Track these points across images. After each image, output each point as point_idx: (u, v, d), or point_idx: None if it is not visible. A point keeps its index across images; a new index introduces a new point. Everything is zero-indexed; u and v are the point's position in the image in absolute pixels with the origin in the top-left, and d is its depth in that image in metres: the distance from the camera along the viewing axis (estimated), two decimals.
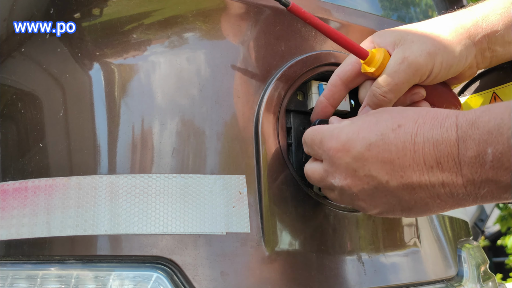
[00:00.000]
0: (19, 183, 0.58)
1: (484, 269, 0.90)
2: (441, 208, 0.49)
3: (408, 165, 0.47)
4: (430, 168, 0.46)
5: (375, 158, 0.49)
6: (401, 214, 0.52)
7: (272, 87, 0.65)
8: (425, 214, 0.51)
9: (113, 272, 0.55)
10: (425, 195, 0.48)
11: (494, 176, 0.42)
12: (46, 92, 0.61)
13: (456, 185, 0.45)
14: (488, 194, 0.44)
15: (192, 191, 0.58)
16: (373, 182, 0.50)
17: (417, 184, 0.47)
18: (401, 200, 0.50)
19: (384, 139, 0.49)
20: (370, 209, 0.53)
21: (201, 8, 0.64)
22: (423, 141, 0.47)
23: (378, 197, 0.51)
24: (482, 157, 0.42)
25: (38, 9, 0.63)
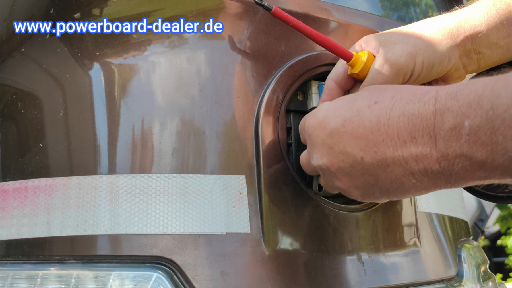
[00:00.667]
0: (19, 183, 0.58)
1: (484, 269, 0.90)
2: (417, 189, 0.47)
3: (381, 140, 0.47)
4: (404, 143, 0.45)
5: (349, 134, 0.49)
6: (381, 196, 0.51)
7: (272, 87, 0.65)
8: (403, 195, 0.50)
9: (113, 272, 0.55)
10: (400, 172, 0.47)
11: (469, 150, 0.41)
12: (46, 92, 0.61)
13: (430, 160, 0.44)
14: (462, 171, 0.42)
15: (192, 191, 0.58)
16: (348, 159, 0.50)
17: (390, 159, 0.46)
18: (378, 179, 0.49)
19: (360, 115, 0.49)
20: (351, 191, 0.53)
21: (201, 8, 0.64)
22: (398, 115, 0.46)
23: (356, 176, 0.50)
24: (458, 130, 0.41)
25: (38, 9, 0.63)
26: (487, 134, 0.39)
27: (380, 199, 0.53)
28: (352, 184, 0.52)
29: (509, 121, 0.38)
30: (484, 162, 0.40)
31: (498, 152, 0.39)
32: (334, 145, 0.51)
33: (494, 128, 0.38)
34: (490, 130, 0.39)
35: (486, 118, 0.39)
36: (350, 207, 0.68)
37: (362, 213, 0.68)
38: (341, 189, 0.54)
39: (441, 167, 0.44)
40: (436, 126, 0.43)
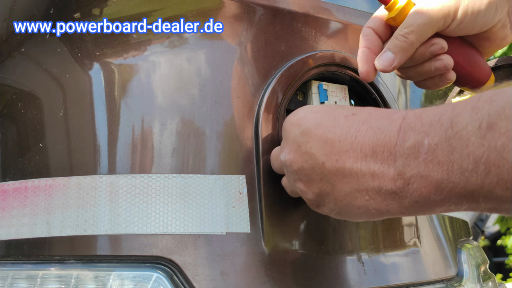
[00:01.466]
0: (19, 183, 0.58)
1: (484, 269, 0.90)
2: (368, 208, 0.47)
3: (345, 150, 0.47)
4: (365, 156, 0.45)
5: (318, 137, 0.50)
6: (333, 208, 0.50)
7: (272, 87, 0.65)
8: (354, 213, 0.49)
9: (113, 272, 0.55)
10: (355, 185, 0.46)
11: (425, 170, 0.40)
12: (46, 92, 0.61)
13: (385, 178, 0.44)
14: (416, 193, 0.41)
15: (192, 191, 0.58)
16: (311, 160, 0.50)
17: (348, 170, 0.47)
18: (334, 188, 0.49)
19: (334, 121, 0.50)
20: (308, 195, 0.53)
21: (201, 8, 0.64)
22: (366, 128, 0.46)
23: (315, 180, 0.50)
24: (418, 148, 0.41)
25: (38, 9, 0.63)
26: (444, 153, 0.39)
27: (331, 212, 0.52)
28: (310, 188, 0.52)
29: (466, 139, 0.37)
30: (439, 183, 0.39)
31: (454, 171, 0.38)
32: (302, 144, 0.51)
33: (452, 146, 0.38)
34: (448, 149, 0.38)
35: (445, 136, 0.39)
36: None
37: None
38: (300, 191, 0.54)
39: (396, 186, 0.43)
40: (397, 144, 0.43)
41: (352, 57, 0.73)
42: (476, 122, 0.37)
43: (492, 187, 0.36)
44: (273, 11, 0.68)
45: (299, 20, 0.69)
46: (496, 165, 0.35)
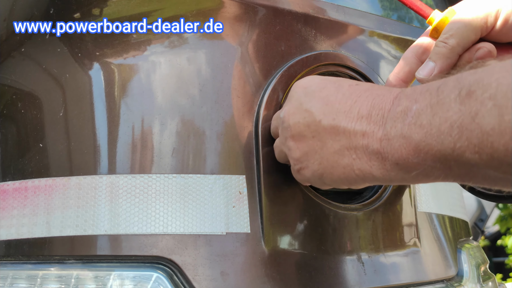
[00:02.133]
0: (19, 183, 0.58)
1: (484, 269, 0.90)
2: (352, 169, 0.49)
3: (344, 111, 0.50)
4: (360, 118, 0.48)
5: (321, 98, 0.53)
6: (317, 168, 0.52)
7: (272, 87, 0.65)
8: (336, 174, 0.51)
9: (113, 272, 0.55)
10: (345, 143, 0.49)
11: (408, 131, 0.43)
12: (46, 92, 0.61)
13: (373, 138, 0.47)
14: (397, 154, 0.44)
15: (192, 191, 0.58)
16: (309, 117, 0.52)
17: (342, 129, 0.49)
18: (324, 145, 0.51)
19: (338, 88, 0.53)
20: (295, 151, 0.54)
21: (201, 8, 0.64)
22: (367, 95, 0.49)
23: (306, 137, 0.53)
24: (406, 112, 0.44)
25: (38, 9, 0.63)
26: (427, 117, 0.42)
27: (312, 176, 0.53)
28: (300, 145, 0.54)
29: (447, 105, 0.40)
30: (418, 144, 0.42)
31: (432, 134, 0.41)
32: (304, 102, 0.54)
33: (434, 111, 0.41)
34: (431, 114, 0.41)
35: (430, 102, 0.42)
36: (350, 207, 0.68)
37: (362, 213, 0.68)
38: (288, 149, 0.55)
39: (381, 146, 0.46)
40: (391, 109, 0.46)
41: (352, 57, 0.73)
42: (457, 90, 0.40)
43: (463, 150, 0.39)
44: (273, 11, 0.68)
45: (299, 20, 0.69)
46: (468, 129, 0.38)
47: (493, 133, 0.37)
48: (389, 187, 0.72)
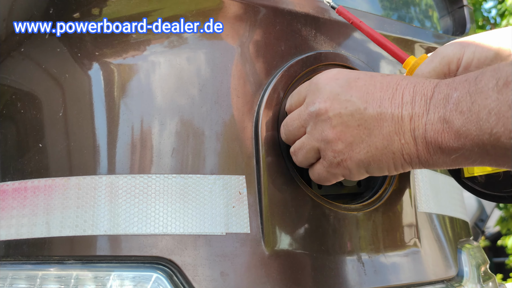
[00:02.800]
0: (19, 183, 0.58)
1: (484, 269, 0.89)
2: (401, 154, 0.51)
3: (387, 98, 0.52)
4: (405, 104, 0.51)
5: (359, 88, 0.54)
6: (364, 157, 0.53)
7: (272, 87, 0.65)
8: (384, 161, 0.53)
9: (112, 273, 0.55)
10: (394, 128, 0.51)
11: (450, 116, 0.46)
12: (46, 92, 0.61)
13: (420, 121, 0.49)
14: (440, 137, 0.48)
15: (191, 191, 0.58)
16: (351, 106, 0.53)
17: (390, 115, 0.51)
18: (371, 133, 0.52)
19: (372, 78, 0.55)
20: (336, 143, 0.54)
21: (201, 8, 0.64)
22: (406, 83, 0.52)
23: (351, 127, 0.53)
24: (447, 99, 0.47)
25: (38, 9, 0.63)
26: (467, 104, 0.45)
27: (361, 163, 0.54)
28: (342, 136, 0.54)
29: (485, 93, 0.43)
30: (458, 129, 0.46)
31: (471, 121, 0.44)
32: (342, 93, 0.54)
33: (473, 99, 0.44)
34: (470, 101, 0.45)
35: (469, 91, 0.45)
36: (350, 207, 0.68)
37: (362, 213, 0.68)
38: (327, 141, 0.55)
39: (426, 130, 0.49)
40: (433, 96, 0.49)
41: (351, 57, 0.73)
42: (495, 80, 0.43)
43: (499, 135, 0.43)
44: (273, 11, 0.68)
45: (299, 20, 0.69)
46: (505, 116, 0.42)
47: None
48: (389, 187, 0.72)
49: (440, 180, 0.83)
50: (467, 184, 0.67)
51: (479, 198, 0.69)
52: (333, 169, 0.56)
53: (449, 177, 0.83)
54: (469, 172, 0.67)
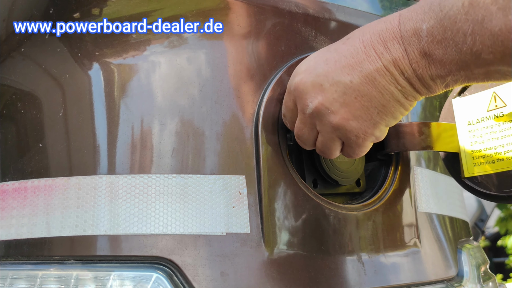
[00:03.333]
0: (19, 183, 0.58)
1: (485, 269, 0.89)
2: (404, 96, 0.53)
3: (362, 59, 0.52)
4: (381, 54, 0.51)
5: (333, 67, 0.54)
6: (379, 117, 0.55)
7: (272, 87, 0.65)
8: (396, 109, 0.54)
9: (112, 273, 0.55)
10: (386, 81, 0.52)
11: (429, 49, 0.48)
12: (46, 92, 0.61)
13: (403, 63, 0.50)
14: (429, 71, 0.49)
15: (192, 191, 0.58)
16: (339, 87, 0.54)
17: (375, 72, 0.52)
18: (371, 97, 0.53)
19: (337, 50, 0.55)
20: (350, 125, 0.55)
21: (201, 8, 0.64)
22: (369, 37, 0.53)
23: (351, 103, 0.54)
24: (419, 33, 0.48)
25: (38, 9, 0.63)
26: (440, 33, 0.46)
27: (378, 124, 0.55)
28: (350, 114, 0.55)
29: (453, 17, 0.45)
30: (441, 59, 0.48)
31: (450, 46, 0.46)
32: (323, 81, 0.55)
33: (444, 26, 0.46)
34: (441, 29, 0.46)
35: (436, 18, 0.47)
36: (350, 207, 0.68)
37: (362, 213, 0.68)
38: (339, 127, 0.56)
39: (413, 68, 0.50)
40: (402, 35, 0.50)
41: None
42: (459, 2, 0.45)
43: (479, 53, 0.45)
44: (273, 11, 0.68)
45: (299, 20, 0.69)
46: (479, 34, 0.44)
47: (501, 33, 0.42)
48: (389, 187, 0.72)
49: (440, 180, 0.83)
50: (467, 184, 0.67)
51: (479, 198, 0.69)
52: (363, 144, 0.58)
53: (449, 177, 0.83)
54: (469, 172, 0.67)
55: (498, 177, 0.64)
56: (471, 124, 0.67)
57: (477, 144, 0.66)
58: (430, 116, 0.87)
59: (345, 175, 0.69)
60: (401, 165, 0.74)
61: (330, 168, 0.68)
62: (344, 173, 0.69)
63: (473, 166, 0.66)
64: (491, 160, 0.64)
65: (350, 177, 0.70)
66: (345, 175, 0.69)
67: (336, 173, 0.68)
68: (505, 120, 0.63)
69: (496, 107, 0.65)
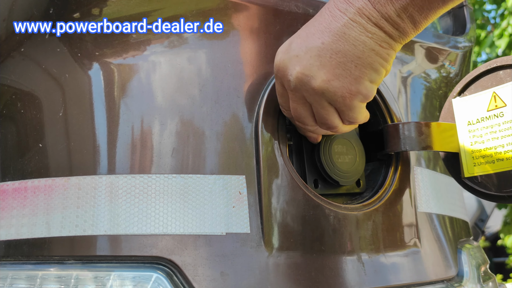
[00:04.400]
0: (19, 183, 0.58)
1: (485, 269, 0.89)
2: (377, 43, 0.54)
3: (329, 21, 0.55)
4: (345, 10, 0.53)
5: (305, 37, 0.56)
6: (357, 70, 0.55)
7: (272, 87, 0.65)
8: (373, 59, 0.54)
9: (112, 273, 0.55)
10: (356, 32, 0.53)
11: None
12: (46, 92, 0.61)
13: (368, 8, 0.52)
14: (389, 4, 0.52)
15: (192, 191, 0.58)
16: (313, 52, 0.55)
17: (343, 26, 0.54)
18: (345, 52, 0.54)
19: (308, 24, 0.58)
20: (332, 85, 0.56)
21: (201, 8, 0.64)
22: (332, 1, 0.55)
23: (328, 63, 0.55)
24: None
25: (38, 9, 0.63)
26: None
27: (360, 79, 0.55)
28: (329, 74, 0.55)
29: None
30: None
31: None
32: (298, 51, 0.57)
33: None
34: None
35: None
36: (350, 207, 0.68)
37: (362, 213, 0.68)
38: (323, 91, 0.56)
39: (376, 10, 0.52)
40: None
41: None
42: None
43: None
44: (273, 11, 0.68)
45: (299, 20, 0.69)
46: None
47: None
48: (389, 187, 0.72)
49: (440, 180, 0.83)
50: (467, 184, 0.67)
51: (479, 198, 0.69)
52: (352, 104, 0.58)
53: (449, 177, 0.83)
54: (469, 172, 0.67)
55: (498, 177, 0.64)
56: (471, 124, 0.67)
57: (477, 144, 0.66)
58: (430, 116, 0.87)
59: (345, 176, 0.69)
60: (401, 165, 0.74)
61: (331, 168, 0.68)
62: (344, 174, 0.69)
63: (473, 166, 0.66)
64: (491, 160, 0.64)
65: (351, 178, 0.70)
66: (346, 176, 0.70)
67: (337, 174, 0.68)
68: (505, 120, 0.63)
69: (496, 107, 0.65)
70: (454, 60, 0.94)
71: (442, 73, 0.93)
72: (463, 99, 0.69)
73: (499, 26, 4.46)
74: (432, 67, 0.90)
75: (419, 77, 0.87)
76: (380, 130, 0.72)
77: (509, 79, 0.64)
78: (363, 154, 0.72)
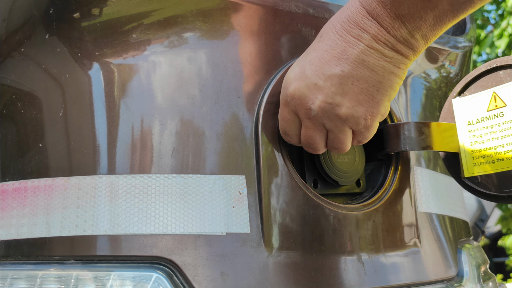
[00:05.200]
0: (19, 183, 0.58)
1: (485, 269, 0.89)
2: (395, 65, 0.54)
3: (344, 47, 0.54)
4: (359, 36, 0.53)
5: (320, 64, 0.56)
6: (379, 94, 0.56)
7: (272, 87, 0.65)
8: (392, 80, 0.55)
9: (112, 273, 0.55)
10: (374, 58, 0.54)
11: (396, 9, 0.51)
12: (46, 92, 0.61)
13: (383, 34, 0.53)
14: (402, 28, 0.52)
15: (192, 191, 0.58)
16: (333, 80, 0.55)
17: (361, 53, 0.53)
18: (366, 78, 0.54)
19: (316, 50, 0.57)
20: (356, 110, 0.56)
21: (201, 8, 0.64)
22: (340, 25, 0.54)
23: (350, 90, 0.55)
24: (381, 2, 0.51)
25: (38, 9, 0.63)
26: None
27: (381, 101, 0.56)
28: (353, 101, 0.56)
29: None
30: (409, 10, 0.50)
31: None
32: (317, 80, 0.56)
33: None
34: None
35: None
36: (350, 207, 0.68)
37: (362, 213, 0.68)
38: (347, 118, 0.56)
39: (392, 35, 0.52)
40: (368, 11, 0.52)
41: None
42: None
43: None
44: (273, 11, 0.68)
45: (299, 20, 0.69)
46: None
47: None
48: (389, 187, 0.72)
49: (440, 180, 0.83)
50: (467, 184, 0.67)
51: (479, 198, 0.69)
52: (372, 125, 0.59)
53: (449, 177, 0.83)
54: (469, 172, 0.67)
55: (498, 177, 0.64)
56: (471, 124, 0.67)
57: (477, 144, 0.66)
58: (430, 116, 0.87)
59: (345, 175, 0.69)
60: (401, 165, 0.74)
61: (330, 168, 0.68)
62: (344, 173, 0.69)
63: (473, 166, 0.66)
64: (491, 160, 0.64)
65: (350, 177, 0.70)
66: (345, 175, 0.69)
67: (336, 173, 0.68)
68: (505, 120, 0.63)
69: (496, 107, 0.65)
70: (454, 60, 0.94)
71: (442, 73, 0.93)
72: (463, 99, 0.69)
73: (499, 26, 4.47)
74: (432, 67, 0.90)
75: (419, 77, 0.87)
76: (380, 130, 0.72)
77: (509, 79, 0.64)
78: (363, 154, 0.72)
